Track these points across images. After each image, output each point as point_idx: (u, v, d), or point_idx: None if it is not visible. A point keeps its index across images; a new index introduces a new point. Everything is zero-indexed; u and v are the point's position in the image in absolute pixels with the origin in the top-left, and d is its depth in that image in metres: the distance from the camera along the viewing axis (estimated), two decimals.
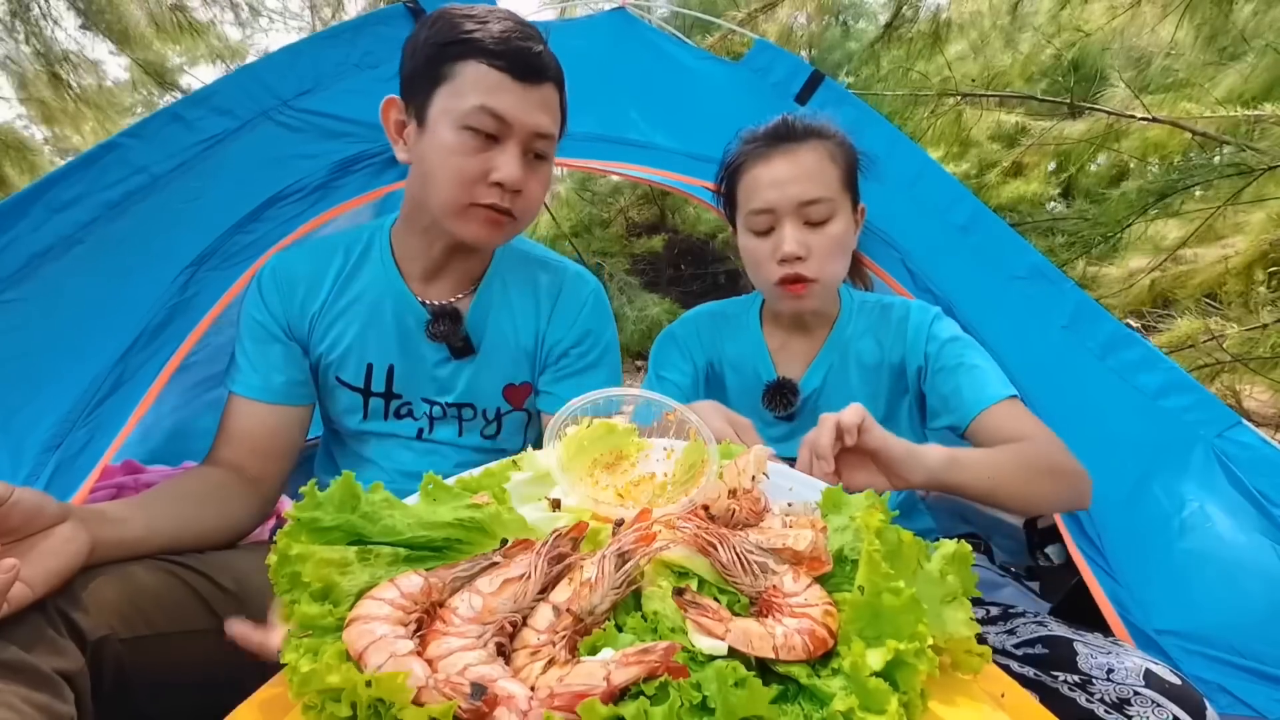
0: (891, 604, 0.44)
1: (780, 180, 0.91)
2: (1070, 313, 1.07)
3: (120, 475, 1.39)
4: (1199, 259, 2.48)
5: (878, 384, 1.02)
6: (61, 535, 0.57)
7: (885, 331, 1.01)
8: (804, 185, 0.90)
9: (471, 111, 0.78)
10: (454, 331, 0.92)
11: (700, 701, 0.39)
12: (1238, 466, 0.93)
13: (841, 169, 0.93)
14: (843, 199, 0.93)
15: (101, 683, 0.56)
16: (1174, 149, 2.75)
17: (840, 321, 1.03)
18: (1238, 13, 2.40)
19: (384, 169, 1.13)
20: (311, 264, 0.92)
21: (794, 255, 0.90)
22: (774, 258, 0.92)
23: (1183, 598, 0.91)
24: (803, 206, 0.90)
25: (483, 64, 0.79)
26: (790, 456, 0.99)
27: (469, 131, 0.79)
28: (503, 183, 0.80)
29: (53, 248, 0.91)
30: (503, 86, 0.79)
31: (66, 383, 0.91)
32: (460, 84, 0.79)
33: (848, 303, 1.04)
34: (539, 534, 0.53)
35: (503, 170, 0.80)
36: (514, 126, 0.80)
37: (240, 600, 0.69)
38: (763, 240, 0.94)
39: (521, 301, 0.97)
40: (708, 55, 1.32)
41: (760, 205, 0.92)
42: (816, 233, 0.91)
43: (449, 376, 0.95)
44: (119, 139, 0.96)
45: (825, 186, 0.91)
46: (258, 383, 0.88)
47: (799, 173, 0.90)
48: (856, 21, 5.35)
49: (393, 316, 0.92)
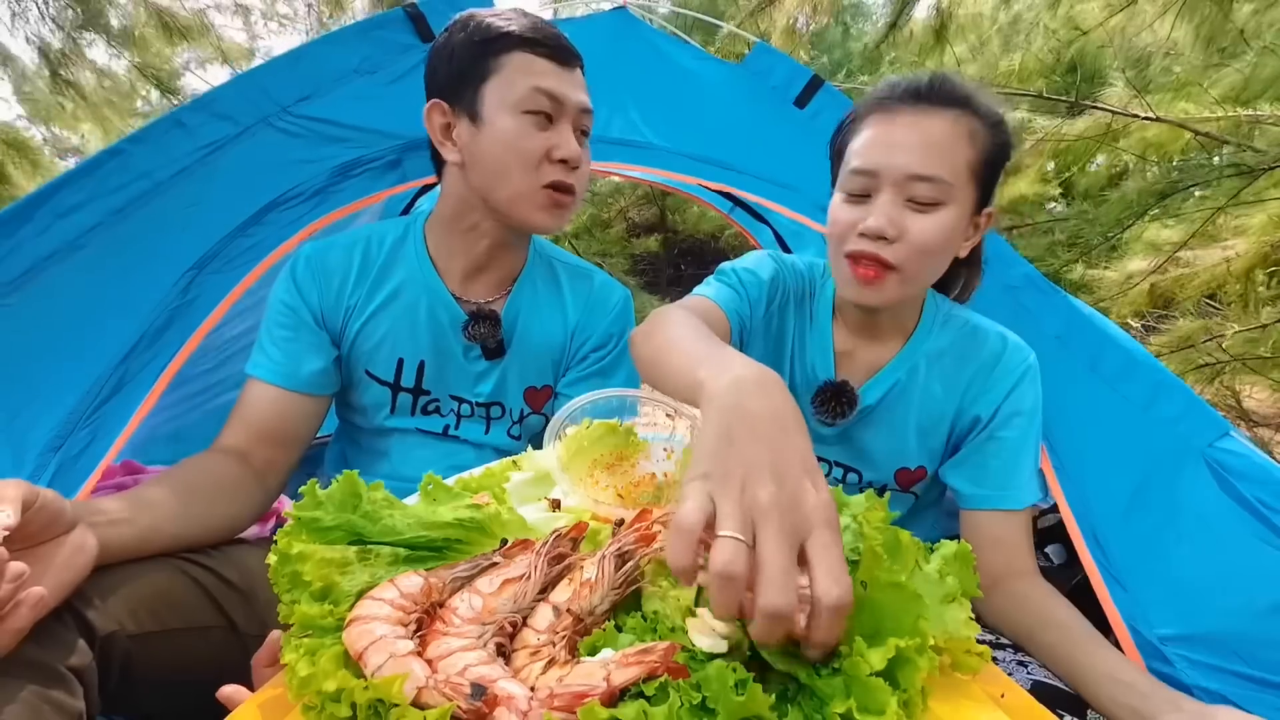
0: (893, 598, 0.44)
1: (896, 143, 0.75)
2: (1062, 323, 1.06)
3: (120, 475, 1.39)
4: (1199, 260, 2.47)
5: (940, 417, 0.89)
6: (73, 544, 0.56)
7: (964, 360, 0.87)
8: (920, 156, 0.74)
9: (528, 95, 0.83)
10: (492, 334, 0.93)
11: (700, 702, 0.39)
12: (1231, 474, 0.92)
13: (978, 153, 0.76)
14: (965, 188, 0.76)
15: (108, 678, 0.57)
16: (1173, 150, 2.75)
17: (917, 334, 0.87)
18: (1236, 13, 2.40)
19: (383, 173, 1.14)
20: (348, 256, 0.93)
21: (878, 232, 0.74)
22: (857, 228, 0.77)
23: (1183, 606, 0.90)
24: (909, 180, 0.74)
25: (527, 53, 0.83)
26: (820, 455, 0.93)
27: (529, 115, 0.83)
28: (566, 159, 0.85)
29: (56, 252, 0.92)
30: (549, 70, 0.84)
31: (68, 385, 0.91)
32: (509, 74, 0.83)
33: (931, 311, 0.89)
34: (539, 534, 0.53)
35: (564, 147, 0.84)
36: (565, 105, 0.85)
37: (247, 597, 0.70)
38: (853, 206, 0.78)
39: (551, 306, 0.99)
40: (708, 56, 1.32)
41: (862, 165, 0.76)
42: (918, 216, 0.75)
43: (479, 375, 0.97)
44: (122, 145, 0.96)
45: (947, 166, 0.74)
46: (279, 368, 0.88)
47: (919, 141, 0.74)
48: (856, 22, 5.37)
49: (427, 313, 0.93)
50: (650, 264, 5.42)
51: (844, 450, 0.95)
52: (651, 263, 5.42)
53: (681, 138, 1.28)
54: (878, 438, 0.92)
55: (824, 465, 0.96)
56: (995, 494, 0.84)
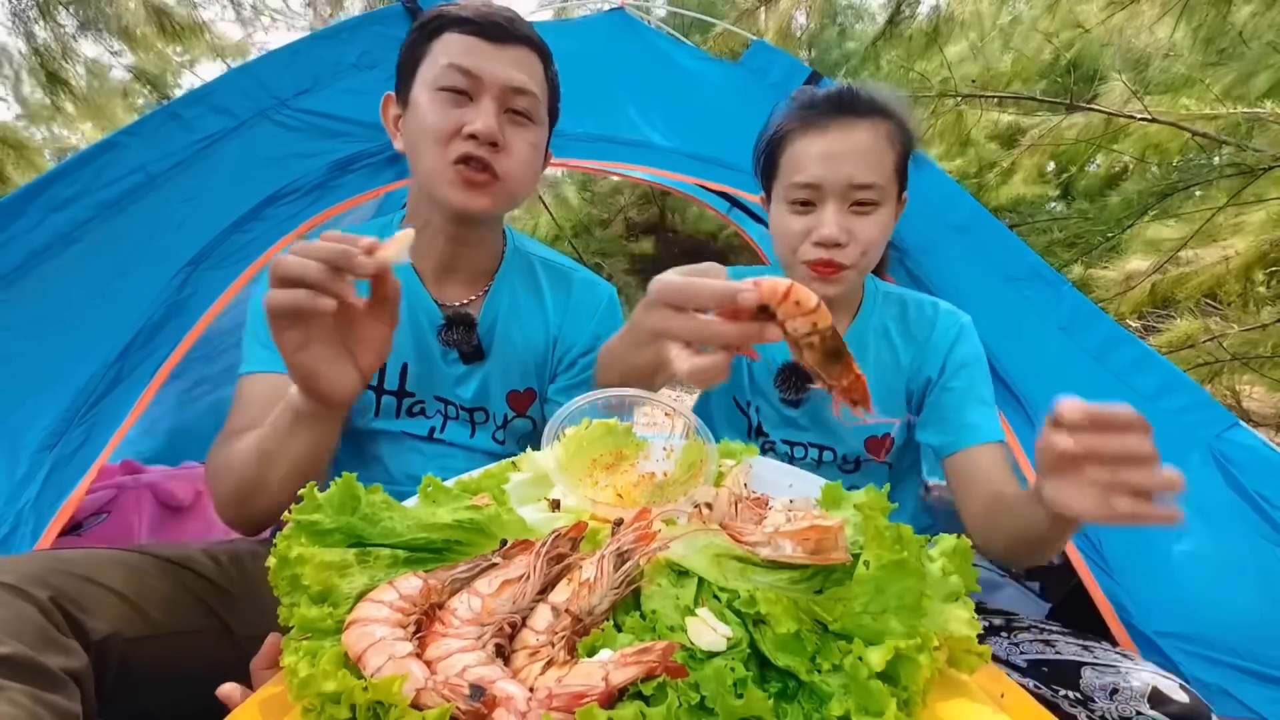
0: (896, 575, 0.44)
1: (833, 156, 0.84)
2: (1068, 314, 1.07)
3: (119, 475, 1.39)
4: (1199, 259, 2.48)
5: (895, 381, 0.98)
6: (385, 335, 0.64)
7: (907, 330, 0.97)
8: (857, 167, 0.83)
9: (442, 72, 0.80)
10: (466, 339, 0.91)
11: (699, 702, 0.39)
12: (1235, 468, 0.93)
13: (897, 154, 0.87)
14: (892, 186, 0.87)
15: (105, 681, 0.57)
16: (1172, 150, 2.75)
17: (863, 312, 0.98)
18: (1235, 13, 2.40)
19: (381, 168, 1.13)
20: None
21: (833, 240, 0.84)
22: (810, 238, 0.86)
23: (1182, 599, 0.91)
24: (851, 189, 0.84)
25: (454, 32, 0.82)
26: (794, 440, 0.99)
27: (442, 92, 0.81)
28: (476, 134, 0.80)
29: (50, 246, 0.91)
30: (473, 47, 0.81)
31: (63, 381, 0.91)
32: (435, 56, 0.82)
33: (871, 292, 0.99)
34: (538, 535, 0.53)
35: (476, 122, 0.80)
36: (484, 80, 0.81)
37: (242, 600, 0.69)
38: (800, 216, 0.87)
39: (531, 309, 0.97)
40: (706, 55, 1.32)
41: (806, 179, 0.85)
42: (860, 219, 0.85)
43: (459, 378, 0.95)
44: (117, 137, 0.96)
45: (879, 172, 0.84)
46: (271, 356, 0.85)
47: (854, 152, 0.84)
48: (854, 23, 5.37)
49: (408, 315, 0.91)
50: (650, 264, 5.42)
51: (815, 431, 1.00)
52: (651, 263, 5.42)
53: (680, 137, 1.27)
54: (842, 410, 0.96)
55: (800, 449, 1.00)
56: (960, 436, 0.91)
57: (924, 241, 1.17)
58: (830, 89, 0.90)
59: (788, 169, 0.88)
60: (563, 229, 4.94)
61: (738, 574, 0.49)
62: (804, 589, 0.49)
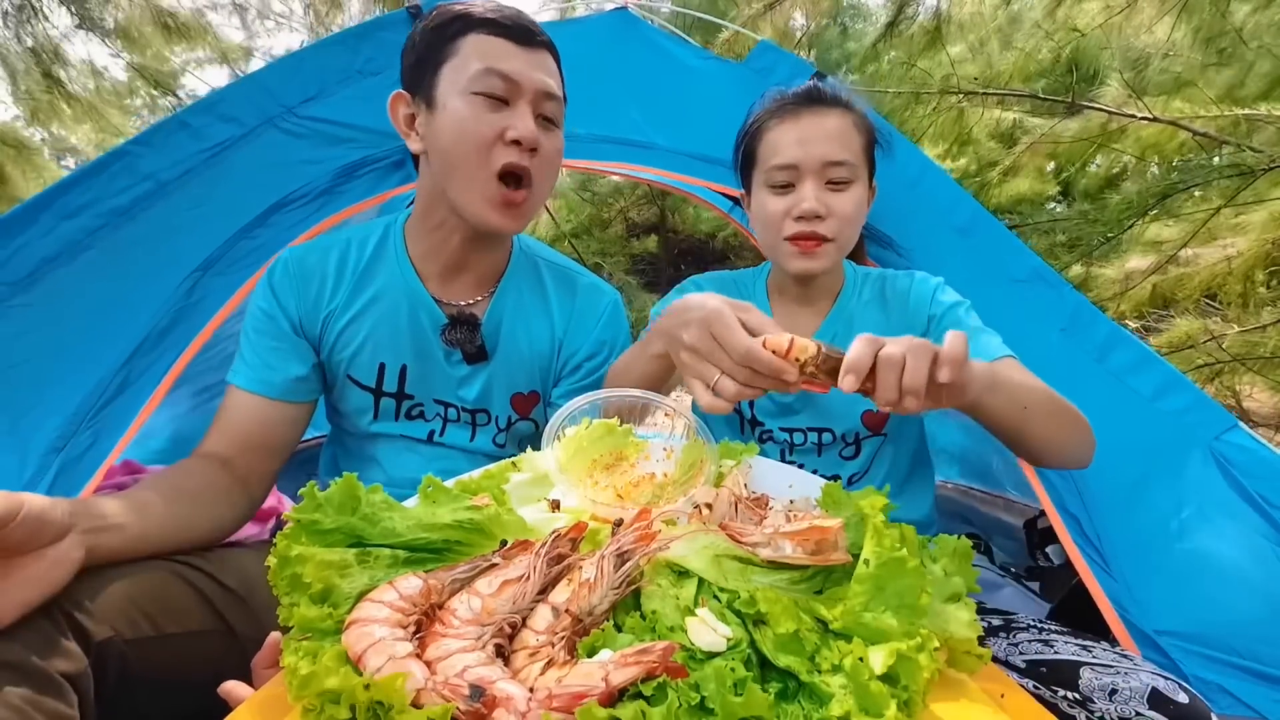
0: (897, 572, 0.44)
1: (807, 138, 0.92)
2: (1069, 315, 1.07)
3: (120, 475, 1.39)
4: (1199, 260, 2.47)
5: None
6: (53, 559, 0.54)
7: (889, 301, 1.01)
8: (830, 146, 0.91)
9: (479, 76, 0.79)
10: (470, 339, 0.91)
11: (699, 702, 0.39)
12: (1235, 469, 0.93)
13: (864, 140, 0.95)
14: (862, 167, 0.95)
15: (104, 684, 0.57)
16: (1172, 150, 2.75)
17: (844, 294, 1.02)
18: (1234, 13, 2.40)
19: (388, 173, 1.14)
20: (326, 260, 0.90)
21: (813, 213, 0.90)
22: (790, 214, 0.92)
23: (1182, 599, 0.91)
24: (826, 166, 0.91)
25: (482, 34, 0.81)
26: (791, 426, 0.99)
27: (479, 97, 0.80)
28: (520, 139, 0.79)
29: (61, 253, 0.92)
30: (505, 50, 0.81)
31: (72, 386, 0.91)
32: (464, 57, 0.80)
33: (851, 275, 1.04)
34: (538, 535, 0.53)
35: (518, 127, 0.79)
36: (522, 86, 0.81)
37: (244, 601, 0.69)
38: (780, 197, 0.94)
39: (536, 311, 0.96)
40: (710, 55, 1.32)
41: (783, 161, 0.92)
42: (836, 195, 0.92)
43: (462, 379, 0.94)
44: (127, 147, 0.97)
45: (850, 151, 0.92)
46: (258, 376, 0.87)
47: (826, 134, 0.92)
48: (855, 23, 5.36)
49: (408, 317, 0.91)
50: (650, 264, 5.41)
51: (811, 414, 1.01)
52: (651, 262, 5.41)
53: (683, 137, 1.27)
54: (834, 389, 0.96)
55: (799, 435, 1.02)
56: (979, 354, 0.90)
57: (926, 243, 1.17)
58: (800, 85, 0.98)
59: (766, 155, 0.95)
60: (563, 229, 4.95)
61: (738, 574, 0.49)
62: (804, 589, 0.49)
